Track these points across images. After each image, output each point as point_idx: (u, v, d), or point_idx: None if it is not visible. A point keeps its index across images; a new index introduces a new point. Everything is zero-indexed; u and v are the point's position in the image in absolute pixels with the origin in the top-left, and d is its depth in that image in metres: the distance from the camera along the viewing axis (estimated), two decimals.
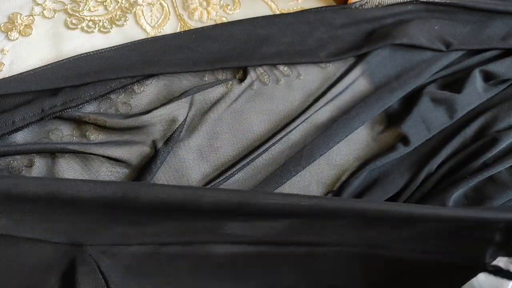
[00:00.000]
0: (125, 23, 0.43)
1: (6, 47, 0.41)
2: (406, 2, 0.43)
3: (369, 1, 0.43)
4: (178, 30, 0.43)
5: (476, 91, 0.40)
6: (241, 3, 0.45)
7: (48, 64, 0.38)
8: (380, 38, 0.40)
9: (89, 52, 0.39)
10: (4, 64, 0.40)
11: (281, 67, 0.41)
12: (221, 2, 0.45)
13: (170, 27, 0.43)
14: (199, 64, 0.39)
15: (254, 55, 0.39)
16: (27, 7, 0.43)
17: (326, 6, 0.43)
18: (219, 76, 0.40)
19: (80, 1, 0.43)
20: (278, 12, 0.45)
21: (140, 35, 0.43)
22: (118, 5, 0.44)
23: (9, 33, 0.41)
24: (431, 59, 0.41)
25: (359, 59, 0.41)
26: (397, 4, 0.43)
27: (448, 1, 0.43)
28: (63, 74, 0.37)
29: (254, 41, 0.40)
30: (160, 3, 0.44)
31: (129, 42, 0.40)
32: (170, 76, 0.39)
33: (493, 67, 0.41)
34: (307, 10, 0.43)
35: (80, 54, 0.39)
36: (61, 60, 0.39)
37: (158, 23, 0.43)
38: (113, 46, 0.40)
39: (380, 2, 0.43)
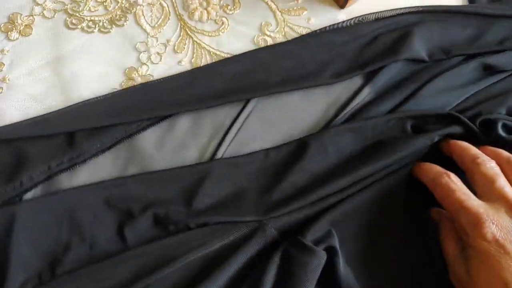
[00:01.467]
0: (125, 23, 0.43)
1: (6, 47, 0.41)
2: (404, 13, 0.43)
3: (367, 16, 0.43)
4: (178, 30, 0.43)
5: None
6: (241, 3, 0.45)
7: (50, 113, 0.38)
8: (383, 55, 0.40)
9: (90, 99, 0.38)
10: (4, 64, 0.40)
11: None
12: (221, 2, 0.45)
13: (170, 27, 0.43)
14: (205, 101, 0.38)
15: (258, 86, 0.39)
16: (27, 7, 0.43)
17: (322, 28, 0.43)
18: None
19: (80, 1, 0.43)
20: (278, 12, 0.45)
21: (140, 35, 0.43)
22: (118, 5, 0.44)
23: (9, 33, 0.41)
24: (431, 65, 0.41)
25: (366, 77, 0.41)
26: (396, 16, 0.43)
27: (445, 8, 0.43)
28: (65, 120, 0.37)
29: (257, 71, 0.40)
30: (160, 3, 0.44)
31: (131, 86, 0.39)
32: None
33: (492, 60, 0.41)
34: (303, 35, 0.43)
35: (83, 101, 0.38)
36: (62, 109, 0.38)
37: (158, 23, 0.43)
38: (115, 92, 0.39)
39: (378, 16, 0.43)
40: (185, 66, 0.42)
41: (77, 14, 0.43)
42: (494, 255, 0.28)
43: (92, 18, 0.43)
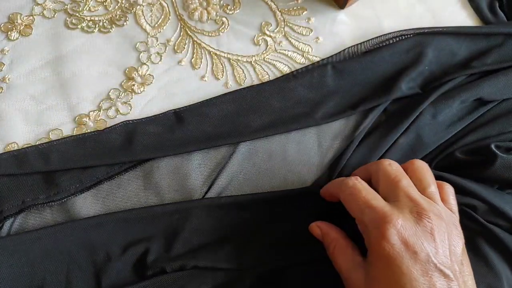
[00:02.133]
0: (125, 23, 0.43)
1: (6, 47, 0.41)
2: (394, 41, 0.42)
3: (356, 48, 0.42)
4: (178, 30, 0.43)
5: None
6: (241, 3, 0.45)
7: (31, 146, 0.37)
8: (374, 95, 0.40)
9: (72, 136, 0.37)
10: (4, 64, 0.40)
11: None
12: (221, 2, 0.45)
13: (170, 27, 0.43)
14: (190, 145, 0.37)
15: (246, 129, 0.38)
16: (27, 7, 0.43)
17: (312, 64, 0.42)
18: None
19: (80, 1, 0.43)
20: (278, 12, 0.45)
21: (140, 35, 0.43)
22: (118, 5, 0.44)
23: (9, 33, 0.41)
24: (422, 95, 0.41)
25: (361, 116, 0.40)
26: (388, 45, 0.42)
27: (436, 30, 0.42)
28: (46, 157, 0.36)
29: (244, 113, 0.39)
30: (160, 3, 0.44)
31: (117, 124, 0.38)
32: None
33: (484, 92, 0.40)
34: (292, 72, 0.41)
35: (64, 137, 0.37)
36: (43, 143, 0.37)
37: (158, 23, 0.43)
38: (98, 131, 0.37)
39: (367, 46, 0.42)
40: (185, 66, 0.42)
41: (77, 14, 0.43)
42: (396, 258, 0.25)
43: (92, 18, 0.43)
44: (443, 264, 0.25)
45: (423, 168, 0.31)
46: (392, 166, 0.30)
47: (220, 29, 0.44)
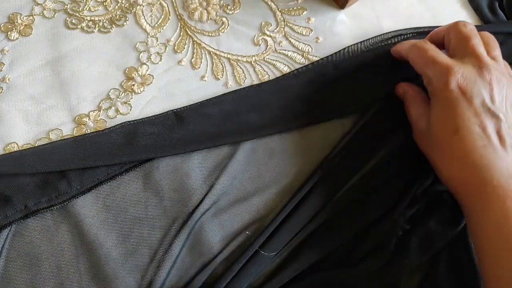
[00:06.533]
0: (125, 23, 0.43)
1: (6, 47, 0.41)
2: (400, 39, 0.42)
3: (355, 47, 0.42)
4: (178, 30, 0.43)
5: None
6: (241, 3, 0.45)
7: (30, 148, 0.37)
8: (374, 93, 0.40)
9: (71, 138, 0.37)
10: (4, 64, 0.40)
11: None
12: (221, 2, 0.45)
13: (170, 27, 0.43)
14: (191, 144, 0.37)
15: (247, 128, 0.38)
16: (27, 7, 0.43)
17: (312, 63, 0.42)
18: None
19: (80, 1, 0.43)
20: (278, 12, 0.45)
21: (140, 35, 0.43)
22: (118, 5, 0.44)
23: (9, 33, 0.41)
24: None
25: (360, 113, 0.40)
26: (388, 45, 0.42)
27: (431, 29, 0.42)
28: (46, 158, 0.35)
29: (245, 112, 0.38)
30: (160, 3, 0.44)
31: (117, 125, 0.37)
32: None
33: None
34: (292, 72, 0.41)
35: (64, 138, 0.37)
36: (43, 145, 0.37)
37: (158, 23, 0.43)
38: (98, 131, 0.37)
39: (366, 45, 0.42)
40: (185, 66, 0.42)
41: (77, 14, 0.43)
42: (453, 101, 0.29)
43: (92, 18, 0.43)
44: (497, 109, 0.29)
45: (490, 35, 0.34)
46: (466, 27, 0.33)
47: (220, 29, 0.44)
